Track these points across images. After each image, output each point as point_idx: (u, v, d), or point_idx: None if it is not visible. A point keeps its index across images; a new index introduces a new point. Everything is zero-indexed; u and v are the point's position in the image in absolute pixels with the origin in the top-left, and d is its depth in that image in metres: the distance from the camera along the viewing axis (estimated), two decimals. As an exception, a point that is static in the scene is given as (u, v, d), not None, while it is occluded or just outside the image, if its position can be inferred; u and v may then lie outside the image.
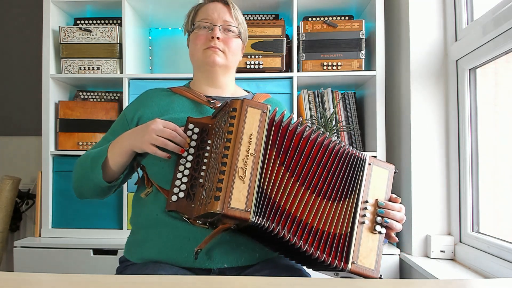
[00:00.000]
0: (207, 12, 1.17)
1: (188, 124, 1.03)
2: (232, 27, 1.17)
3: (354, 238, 0.92)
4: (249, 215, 0.85)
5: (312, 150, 0.95)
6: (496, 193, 1.48)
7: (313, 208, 0.93)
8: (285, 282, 0.77)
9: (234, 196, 0.85)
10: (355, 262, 0.91)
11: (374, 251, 0.93)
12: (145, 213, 1.06)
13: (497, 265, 1.25)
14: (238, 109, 0.91)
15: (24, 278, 0.78)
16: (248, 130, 0.90)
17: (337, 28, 1.80)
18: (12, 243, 1.93)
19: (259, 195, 0.88)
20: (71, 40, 1.84)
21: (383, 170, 0.99)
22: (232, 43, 1.17)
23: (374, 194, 0.96)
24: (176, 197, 0.97)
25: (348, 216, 0.94)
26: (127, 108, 1.20)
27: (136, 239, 1.08)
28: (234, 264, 1.00)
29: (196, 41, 1.17)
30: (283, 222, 0.90)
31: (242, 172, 0.87)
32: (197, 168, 0.98)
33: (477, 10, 1.49)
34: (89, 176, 1.08)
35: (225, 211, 0.84)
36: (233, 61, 1.20)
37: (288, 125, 0.95)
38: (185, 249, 0.98)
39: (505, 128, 1.45)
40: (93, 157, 1.08)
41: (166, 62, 2.20)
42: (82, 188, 1.14)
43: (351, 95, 1.87)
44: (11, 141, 2.24)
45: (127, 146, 1.04)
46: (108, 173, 1.08)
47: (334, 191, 0.95)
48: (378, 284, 0.80)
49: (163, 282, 0.76)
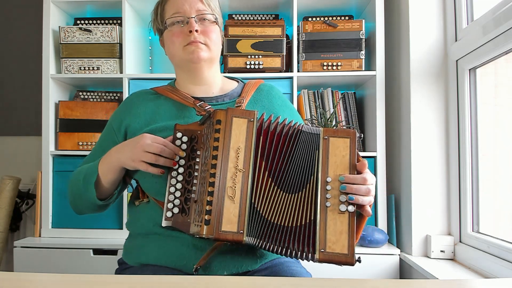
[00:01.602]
0: (176, 5, 1.07)
1: (176, 132, 0.97)
2: (207, 15, 1.08)
3: (318, 225, 0.85)
4: (242, 237, 0.83)
5: (284, 145, 0.90)
6: (496, 193, 1.48)
7: (284, 207, 0.88)
8: (285, 282, 0.77)
9: (224, 218, 0.82)
10: (323, 250, 0.84)
11: (344, 233, 0.85)
12: (141, 223, 1.04)
13: (497, 265, 1.25)
14: (223, 121, 0.86)
15: (24, 278, 0.78)
16: (235, 143, 0.85)
17: (337, 28, 1.80)
18: (12, 243, 1.93)
19: (251, 214, 0.85)
20: (71, 40, 1.84)
21: (342, 139, 0.88)
22: (212, 34, 1.08)
23: (335, 170, 0.87)
24: (171, 213, 0.93)
25: (309, 203, 0.87)
26: (112, 117, 1.15)
27: (133, 244, 1.07)
28: (234, 271, 0.98)
29: (172, 39, 1.08)
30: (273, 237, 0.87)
31: (232, 192, 0.83)
32: (189, 180, 0.94)
33: (477, 10, 1.49)
34: (83, 196, 1.06)
35: (216, 235, 0.82)
36: (216, 52, 1.11)
37: (275, 129, 0.90)
38: (184, 257, 0.97)
39: (505, 128, 1.44)
40: (85, 176, 1.05)
41: (166, 62, 2.18)
42: (79, 206, 1.12)
43: (351, 95, 1.87)
44: (11, 141, 2.23)
45: (116, 163, 1.00)
46: (102, 191, 1.05)
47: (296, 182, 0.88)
48: (378, 284, 0.80)
49: (163, 282, 0.76)
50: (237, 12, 1.93)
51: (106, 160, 1.03)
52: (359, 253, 1.60)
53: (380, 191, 1.70)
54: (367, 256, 1.61)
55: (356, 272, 1.59)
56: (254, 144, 0.86)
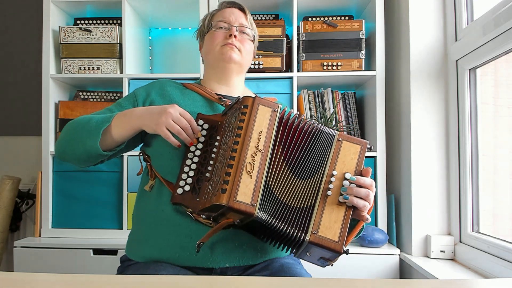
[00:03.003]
0: (224, 15, 1.21)
1: (198, 120, 1.04)
2: (247, 30, 1.22)
3: (316, 209, 0.92)
4: (255, 210, 0.86)
5: (299, 139, 0.96)
6: (496, 193, 1.48)
7: (292, 189, 0.93)
8: (286, 282, 0.77)
9: (240, 190, 0.86)
10: (315, 232, 0.90)
11: (338, 222, 0.91)
12: (149, 209, 1.05)
13: (497, 265, 1.26)
14: (250, 106, 0.93)
15: (24, 278, 0.78)
16: (258, 127, 0.91)
17: (337, 28, 1.80)
18: (12, 243, 1.93)
19: (265, 192, 0.89)
20: (71, 40, 1.84)
21: (354, 145, 0.97)
22: (247, 44, 1.21)
23: (342, 168, 0.95)
24: (181, 190, 0.97)
25: (313, 189, 0.94)
26: (138, 91, 1.18)
27: (137, 237, 1.07)
28: (236, 264, 1.00)
29: (213, 38, 1.19)
30: (280, 215, 0.90)
31: (250, 167, 0.88)
32: (204, 163, 0.99)
33: (477, 10, 1.49)
34: (82, 139, 1.03)
35: (231, 203, 0.84)
36: (247, 61, 1.23)
37: (293, 122, 0.97)
38: (187, 248, 0.98)
39: (505, 128, 1.45)
40: (96, 121, 1.03)
41: (166, 62, 2.20)
42: (67, 150, 1.07)
43: (351, 95, 1.87)
44: (11, 141, 2.23)
45: (137, 123, 1.02)
46: (105, 141, 1.04)
47: (306, 169, 0.95)
48: (378, 284, 0.80)
49: (163, 282, 0.76)
50: (237, 12, 1.93)
51: (125, 116, 1.04)
52: (359, 253, 1.61)
53: (380, 191, 1.70)
54: (367, 256, 1.61)
55: (356, 272, 1.59)
56: (275, 131, 0.93)
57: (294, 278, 0.86)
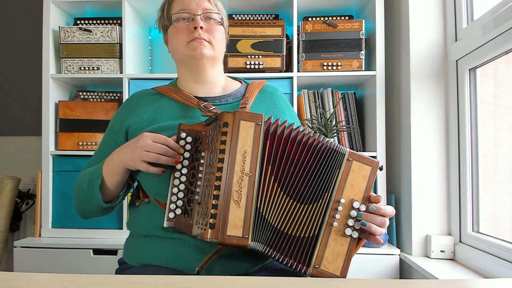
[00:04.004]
0: (183, 3, 1.07)
1: (180, 132, 0.96)
2: (213, 14, 1.08)
3: (319, 241, 0.86)
4: (247, 242, 0.83)
5: (297, 153, 0.89)
6: (496, 193, 1.48)
7: (293, 215, 0.88)
8: (286, 283, 0.77)
9: (230, 223, 0.81)
10: (318, 266, 0.86)
11: (342, 255, 0.86)
12: (142, 224, 1.03)
13: (497, 265, 1.25)
14: (230, 124, 0.85)
15: (24, 278, 0.78)
16: (242, 147, 0.84)
17: (337, 28, 1.80)
18: (12, 243, 1.93)
19: (256, 219, 0.85)
20: (71, 40, 1.84)
21: (364, 166, 0.89)
22: (216, 32, 1.08)
23: (350, 193, 0.88)
24: (173, 214, 0.92)
25: (317, 218, 0.88)
26: (113, 119, 1.14)
27: (134, 243, 1.06)
28: (235, 273, 0.98)
29: (177, 34, 1.07)
30: (277, 243, 0.88)
31: (237, 196, 0.83)
32: (193, 181, 0.93)
33: (477, 10, 1.49)
34: (89, 200, 1.05)
35: (220, 240, 0.81)
36: (220, 51, 1.11)
37: (282, 133, 0.89)
38: (185, 258, 0.96)
39: (505, 128, 1.45)
40: (89, 179, 1.04)
41: (166, 62, 2.20)
42: (85, 211, 1.10)
43: (351, 95, 1.87)
44: (11, 141, 2.23)
45: (119, 164, 0.99)
46: (107, 193, 1.04)
47: (309, 193, 0.89)
48: (378, 284, 0.80)
49: (163, 282, 0.76)
50: (237, 12, 1.94)
51: (109, 163, 1.02)
52: (359, 253, 1.61)
53: (380, 191, 1.70)
54: (367, 256, 1.61)
55: (356, 272, 1.59)
56: (261, 149, 0.86)
57: (294, 278, 0.86)
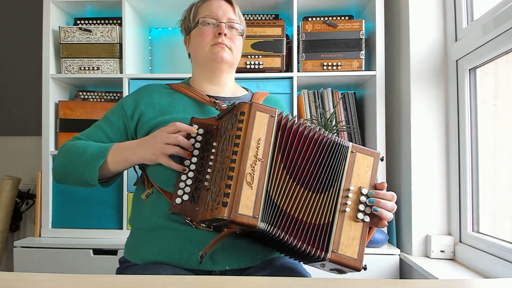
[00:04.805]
0: (210, 9, 1.16)
1: (192, 124, 1.01)
2: (236, 25, 1.17)
3: (334, 227, 0.91)
4: (257, 222, 0.85)
5: (305, 147, 0.94)
6: (496, 193, 1.48)
7: (303, 202, 0.92)
8: (286, 282, 0.77)
9: (242, 202, 0.84)
10: (336, 251, 0.90)
11: (357, 239, 0.91)
12: (146, 216, 1.04)
13: (497, 265, 1.25)
14: (247, 113, 0.90)
15: (24, 278, 0.78)
16: (256, 134, 0.89)
17: (337, 28, 1.80)
18: (12, 243, 1.93)
19: (266, 201, 0.88)
20: (71, 40, 1.84)
21: (367, 157, 0.96)
22: (237, 41, 1.17)
23: (357, 182, 0.95)
24: (180, 200, 0.95)
25: (330, 205, 0.93)
26: (125, 102, 1.15)
27: (136, 241, 1.07)
28: (236, 266, 1.00)
29: (202, 36, 1.14)
30: (287, 228, 0.89)
31: (250, 178, 0.86)
32: (201, 170, 0.97)
33: (477, 10, 1.49)
34: (79, 171, 1.05)
35: (232, 217, 0.83)
36: (237, 59, 1.20)
37: (291, 127, 0.94)
38: (187, 251, 0.98)
39: (505, 128, 1.45)
40: (92, 155, 1.04)
41: (166, 62, 2.20)
42: (67, 177, 1.10)
43: (351, 95, 1.87)
44: (11, 141, 2.23)
45: (135, 158, 1.02)
46: (102, 173, 1.05)
47: (319, 183, 0.93)
48: (378, 284, 0.80)
49: (163, 282, 0.76)
50: (237, 12, 1.93)
51: (121, 152, 1.03)
52: (359, 253, 1.61)
53: (380, 191, 1.70)
54: (367, 256, 1.61)
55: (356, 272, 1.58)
56: (273, 138, 0.91)
57: (294, 278, 0.86)
